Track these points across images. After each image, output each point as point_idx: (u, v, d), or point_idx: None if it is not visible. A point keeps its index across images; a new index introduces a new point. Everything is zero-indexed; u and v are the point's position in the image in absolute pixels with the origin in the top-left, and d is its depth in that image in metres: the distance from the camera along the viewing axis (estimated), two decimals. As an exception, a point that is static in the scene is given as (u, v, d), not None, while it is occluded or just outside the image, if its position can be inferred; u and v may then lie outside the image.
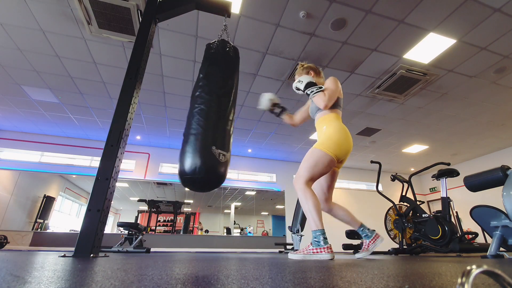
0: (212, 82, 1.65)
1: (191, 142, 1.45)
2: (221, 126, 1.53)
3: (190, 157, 1.40)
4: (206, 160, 1.38)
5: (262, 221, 8.41)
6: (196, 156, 1.39)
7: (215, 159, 1.40)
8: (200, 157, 1.38)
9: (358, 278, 0.64)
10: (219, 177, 1.43)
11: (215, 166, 1.40)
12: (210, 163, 1.39)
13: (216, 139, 1.46)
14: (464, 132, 5.89)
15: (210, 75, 1.70)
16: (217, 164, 1.40)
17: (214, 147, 1.41)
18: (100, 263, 1.00)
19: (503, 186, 2.00)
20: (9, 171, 5.98)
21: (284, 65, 3.88)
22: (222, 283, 0.53)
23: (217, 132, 1.49)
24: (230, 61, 1.80)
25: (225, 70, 1.73)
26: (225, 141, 1.50)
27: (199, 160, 1.38)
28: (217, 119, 1.52)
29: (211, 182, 1.44)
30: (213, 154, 1.40)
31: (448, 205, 3.15)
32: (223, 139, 1.49)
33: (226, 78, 1.70)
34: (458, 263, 1.27)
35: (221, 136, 1.49)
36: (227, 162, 1.48)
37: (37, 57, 3.75)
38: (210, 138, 1.44)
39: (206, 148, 1.40)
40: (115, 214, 7.54)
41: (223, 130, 1.52)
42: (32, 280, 0.55)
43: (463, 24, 3.13)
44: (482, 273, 0.30)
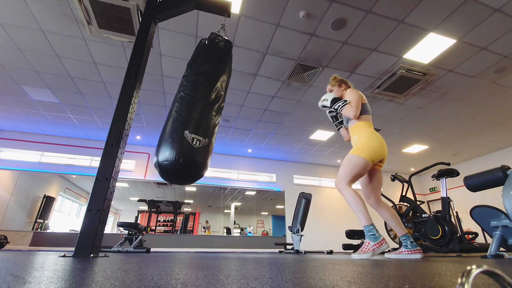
0: (193, 71, 1.61)
1: (164, 129, 1.37)
2: (199, 111, 1.41)
3: (161, 143, 1.32)
4: (177, 145, 1.28)
5: (262, 221, 8.41)
6: (167, 142, 1.30)
7: (188, 144, 1.28)
8: (170, 142, 1.29)
9: (358, 278, 0.64)
10: (194, 163, 1.30)
11: (187, 151, 1.27)
12: (181, 148, 1.27)
13: (189, 123, 1.34)
14: (464, 132, 5.89)
15: (193, 65, 1.66)
16: (190, 149, 1.28)
17: (187, 131, 1.30)
18: (100, 263, 1.00)
19: (503, 186, 2.00)
20: (9, 171, 5.98)
21: (284, 65, 3.88)
22: (222, 283, 0.53)
23: (192, 117, 1.37)
24: (217, 50, 1.76)
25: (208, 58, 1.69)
26: (202, 125, 1.38)
27: (168, 145, 1.28)
28: (193, 104, 1.42)
29: (186, 169, 1.29)
30: (185, 139, 1.28)
31: (448, 205, 3.15)
32: (199, 124, 1.37)
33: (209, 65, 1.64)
34: (458, 263, 1.27)
35: (197, 120, 1.37)
36: (205, 149, 1.34)
37: (37, 57, 3.75)
38: (183, 122, 1.34)
39: (177, 132, 1.31)
40: (115, 214, 7.54)
41: (200, 115, 1.41)
42: (32, 280, 0.55)
43: (463, 24, 3.13)
44: (482, 273, 0.30)
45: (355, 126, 2.05)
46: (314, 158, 7.82)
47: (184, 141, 1.28)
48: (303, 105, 4.93)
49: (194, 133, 1.32)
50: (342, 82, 2.24)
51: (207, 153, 1.37)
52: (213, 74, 1.62)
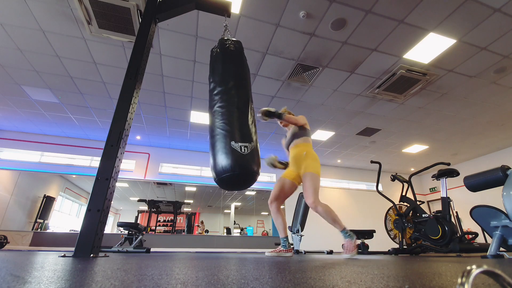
0: (217, 82, 1.67)
1: (212, 146, 1.48)
2: (237, 119, 1.51)
3: (215, 159, 1.43)
4: (228, 156, 1.39)
5: (262, 221, 8.41)
6: (219, 157, 1.41)
7: (237, 153, 1.39)
8: (222, 156, 1.40)
9: (358, 278, 0.64)
10: (248, 168, 1.41)
11: (239, 160, 1.38)
12: (233, 159, 1.38)
13: (233, 134, 1.44)
14: (464, 132, 5.89)
15: (215, 76, 1.72)
16: (240, 157, 1.39)
17: (233, 142, 1.41)
18: (100, 263, 1.00)
19: (503, 186, 2.00)
20: (9, 171, 5.98)
21: (284, 65, 3.88)
22: (222, 283, 0.53)
23: (233, 127, 1.47)
24: (231, 54, 1.81)
25: (226, 64, 1.74)
26: (244, 132, 1.48)
27: (222, 159, 1.40)
28: (229, 114, 1.51)
29: (242, 176, 1.41)
30: (233, 149, 1.39)
31: (448, 205, 3.15)
32: (241, 131, 1.47)
33: (229, 72, 1.70)
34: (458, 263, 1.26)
35: (238, 129, 1.48)
36: (252, 152, 1.44)
37: (37, 57, 3.75)
38: (227, 135, 1.44)
39: (225, 146, 1.41)
40: (115, 214, 7.55)
41: (239, 122, 1.50)
42: (32, 280, 0.55)
43: (463, 24, 3.13)
44: (482, 273, 0.30)
45: (304, 144, 2.41)
46: (314, 158, 7.81)
47: (234, 152, 1.39)
48: (303, 105, 4.93)
49: (240, 141, 1.42)
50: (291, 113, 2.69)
51: (256, 154, 1.48)
52: (236, 79, 1.68)
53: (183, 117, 5.45)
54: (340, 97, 4.68)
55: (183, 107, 5.06)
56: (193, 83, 4.33)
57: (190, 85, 4.37)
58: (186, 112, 5.23)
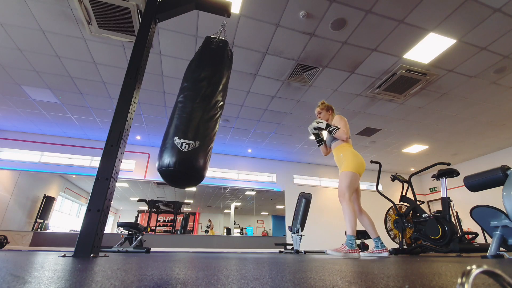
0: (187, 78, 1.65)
1: (163, 138, 1.47)
2: (188, 115, 1.47)
3: (159, 151, 1.44)
4: (168, 152, 1.38)
5: (262, 221, 8.41)
6: (162, 150, 1.41)
7: (176, 149, 1.36)
8: (164, 151, 1.39)
9: (358, 278, 0.64)
10: (184, 165, 1.36)
11: (176, 156, 1.36)
12: (171, 155, 1.36)
13: (179, 129, 1.42)
14: (464, 132, 5.89)
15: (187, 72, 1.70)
16: (179, 154, 1.36)
17: (176, 137, 1.39)
18: (100, 263, 1.00)
19: (503, 186, 2.00)
20: (9, 171, 5.98)
21: (284, 65, 3.88)
22: (222, 283, 0.53)
23: (181, 122, 1.44)
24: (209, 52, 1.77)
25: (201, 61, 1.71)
26: (191, 129, 1.43)
27: (163, 153, 1.39)
28: (183, 109, 1.48)
29: (179, 173, 1.37)
30: (174, 145, 1.37)
31: (448, 205, 3.15)
32: (188, 128, 1.43)
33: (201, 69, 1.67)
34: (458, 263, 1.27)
35: (185, 125, 1.43)
36: (195, 151, 1.39)
37: (37, 57, 3.75)
38: (174, 130, 1.42)
39: (169, 140, 1.40)
40: (115, 214, 7.54)
41: (189, 119, 1.46)
42: (32, 280, 0.55)
43: (463, 24, 3.13)
44: (482, 273, 0.30)
45: (340, 146, 2.49)
46: (314, 158, 7.82)
47: (174, 147, 1.37)
48: (303, 105, 4.93)
49: (182, 138, 1.38)
50: (329, 108, 2.71)
51: (199, 154, 1.40)
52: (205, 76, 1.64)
53: (183, 117, 5.45)
54: (340, 97, 4.68)
55: (183, 107, 5.05)
56: (193, 83, 4.33)
57: (190, 85, 4.36)
58: (186, 112, 5.22)
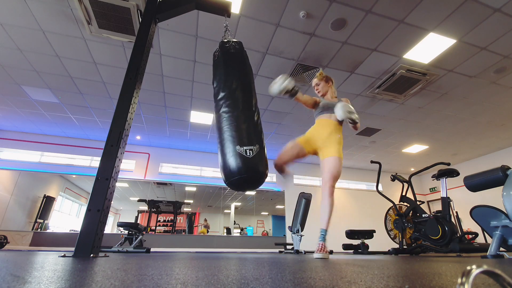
0: (220, 86, 1.70)
1: (220, 150, 1.55)
2: (241, 123, 1.55)
3: (223, 164, 1.50)
4: (235, 160, 1.45)
5: (262, 221, 8.41)
6: (226, 161, 1.48)
7: (243, 157, 1.44)
8: (229, 161, 1.47)
9: (358, 278, 0.64)
10: (253, 170, 1.46)
11: (245, 163, 1.44)
12: (239, 162, 1.44)
13: (238, 138, 1.50)
14: (464, 132, 5.89)
15: (218, 80, 1.74)
16: (246, 160, 1.44)
17: (238, 146, 1.47)
18: (100, 263, 1.00)
19: (503, 186, 2.00)
20: (9, 171, 5.98)
21: (284, 65, 3.88)
22: (222, 283, 0.53)
23: (237, 131, 1.52)
24: (232, 56, 1.82)
25: (228, 68, 1.75)
26: (249, 135, 1.52)
27: (229, 164, 1.46)
28: (235, 119, 1.56)
29: (249, 178, 1.47)
30: (239, 153, 1.45)
31: (448, 205, 3.15)
32: (246, 135, 1.52)
33: (232, 75, 1.72)
34: (458, 263, 1.27)
35: (242, 133, 1.52)
36: (259, 154, 1.49)
37: (37, 57, 3.75)
38: (233, 140, 1.50)
39: (232, 150, 1.48)
40: (115, 214, 7.54)
41: (244, 126, 1.55)
42: (32, 280, 0.55)
43: (463, 24, 3.13)
44: (482, 273, 0.30)
45: (335, 123, 2.39)
46: (314, 158, 7.80)
47: (240, 156, 1.45)
48: (303, 105, 4.92)
49: (245, 145, 1.48)
50: (328, 79, 2.59)
51: (262, 155, 1.52)
52: (238, 81, 1.70)
53: (183, 117, 5.45)
54: (340, 97, 4.67)
55: (183, 107, 5.06)
56: (193, 83, 4.33)
57: (190, 85, 4.37)
58: (186, 112, 5.23)
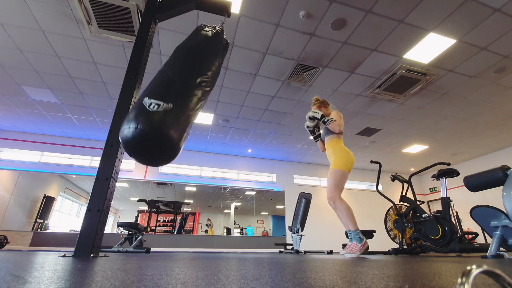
0: (173, 55, 1.52)
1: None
2: (167, 79, 1.29)
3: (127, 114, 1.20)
4: (132, 114, 1.14)
5: (262, 221, 8.41)
6: (129, 111, 1.19)
7: (143, 109, 1.13)
8: (131, 110, 1.17)
9: (358, 278, 0.64)
10: (151, 127, 1.10)
11: (142, 117, 1.11)
12: (135, 116, 1.12)
13: (151, 90, 1.22)
14: (464, 132, 5.89)
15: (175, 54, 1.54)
16: (145, 114, 1.11)
17: (146, 97, 1.16)
18: (100, 263, 1.00)
19: (503, 186, 2.00)
20: (9, 171, 5.98)
21: (284, 65, 3.88)
22: (222, 283, 0.53)
23: (156, 84, 1.27)
24: (200, 34, 1.66)
25: (189, 40, 1.60)
26: (163, 89, 1.23)
27: (125, 118, 1.17)
28: (163, 75, 1.32)
29: (144, 138, 1.11)
30: (141, 105, 1.14)
31: (448, 205, 3.15)
32: (161, 88, 1.24)
33: (189, 44, 1.55)
34: (458, 263, 1.27)
35: (160, 86, 1.25)
36: (165, 113, 1.14)
37: (37, 57, 3.75)
38: (145, 92, 1.22)
39: (137, 101, 1.18)
40: (115, 214, 7.54)
41: (167, 81, 1.28)
42: (32, 280, 0.55)
43: (463, 24, 3.13)
44: (482, 273, 0.30)
45: (331, 141, 2.48)
46: (314, 158, 7.82)
47: (140, 108, 1.14)
48: (303, 105, 4.93)
49: (153, 98, 1.16)
50: (324, 102, 2.71)
51: (169, 117, 1.15)
52: (193, 50, 1.49)
53: (183, 117, 5.44)
54: (340, 97, 4.68)
55: (183, 107, 5.05)
56: (193, 83, 4.33)
57: (190, 85, 4.36)
58: (186, 112, 5.22)
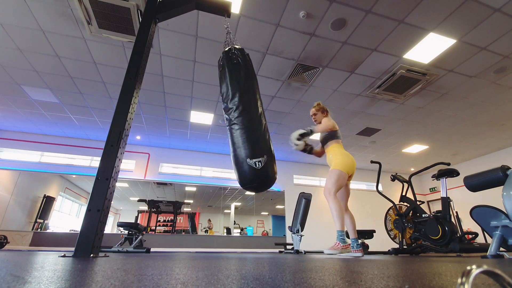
0: (228, 98, 1.77)
1: (234, 161, 1.74)
2: (249, 135, 1.69)
3: (238, 174, 1.73)
4: (247, 172, 1.67)
5: (262, 221, 8.41)
6: (240, 172, 1.70)
7: (253, 169, 1.66)
8: (242, 171, 1.69)
9: (358, 278, 0.64)
10: (263, 179, 1.68)
11: (256, 174, 1.65)
12: (251, 174, 1.66)
13: (248, 150, 1.67)
14: (464, 132, 5.89)
15: (224, 92, 1.80)
16: (256, 171, 1.66)
17: (248, 159, 1.66)
18: (100, 263, 1.00)
19: (503, 186, 2.00)
20: (9, 171, 5.98)
21: (284, 65, 3.88)
22: (222, 283, 0.53)
23: (247, 143, 1.68)
24: (236, 67, 1.84)
25: (232, 81, 1.79)
26: (257, 147, 1.69)
27: (242, 174, 1.69)
28: (244, 131, 1.70)
29: (260, 185, 1.71)
30: (249, 166, 1.66)
31: (448, 205, 3.15)
32: (255, 147, 1.69)
33: (236, 88, 1.77)
34: (458, 263, 1.27)
35: (251, 145, 1.69)
36: (267, 164, 1.68)
37: (37, 57, 3.75)
38: (243, 152, 1.68)
39: (243, 163, 1.68)
40: (115, 214, 7.55)
41: (252, 138, 1.70)
42: (32, 280, 0.55)
43: (463, 24, 3.13)
44: (482, 273, 0.30)
45: (330, 147, 2.58)
46: (314, 158, 7.82)
47: (251, 168, 1.65)
48: (303, 105, 4.93)
49: (254, 158, 1.65)
50: (324, 110, 2.81)
51: (270, 164, 1.70)
52: (245, 94, 1.79)
53: (183, 117, 5.45)
54: (340, 97, 4.68)
55: (183, 107, 5.06)
56: (193, 83, 4.33)
57: (190, 85, 4.37)
58: (186, 112, 5.23)
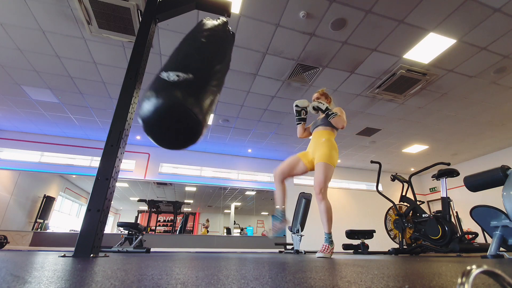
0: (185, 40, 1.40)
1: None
2: (184, 52, 1.18)
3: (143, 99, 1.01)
4: (151, 89, 0.98)
5: (262, 221, 8.42)
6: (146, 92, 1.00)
7: (162, 82, 0.99)
8: (147, 89, 1.00)
9: (358, 278, 0.64)
10: (171, 98, 0.94)
11: (162, 90, 0.96)
12: (155, 91, 0.97)
13: (168, 64, 1.09)
14: (464, 132, 5.89)
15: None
16: (165, 85, 0.97)
17: (163, 72, 1.03)
18: (100, 263, 1.00)
19: (503, 186, 2.00)
20: (9, 171, 5.98)
21: (284, 65, 3.88)
22: (222, 283, 0.53)
23: (172, 60, 1.13)
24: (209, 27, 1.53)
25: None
26: (181, 61, 1.10)
27: (143, 96, 0.99)
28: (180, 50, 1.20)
29: (166, 112, 0.94)
30: (159, 78, 1.01)
31: (448, 205, 3.15)
32: (181, 60, 1.11)
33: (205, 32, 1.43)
34: (458, 263, 1.27)
35: (177, 59, 1.12)
36: (186, 83, 0.99)
37: (37, 57, 3.75)
38: (161, 68, 1.07)
39: (154, 78, 1.04)
40: (115, 214, 7.55)
41: (184, 55, 1.15)
42: (32, 280, 0.55)
43: (463, 24, 3.13)
44: (482, 273, 0.30)
45: (327, 131, 2.32)
46: (314, 158, 7.81)
47: (158, 81, 1.01)
48: (303, 105, 4.92)
49: (170, 70, 1.02)
50: (328, 96, 2.62)
51: (191, 87, 0.99)
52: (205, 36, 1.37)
53: (183, 117, 5.45)
54: (340, 97, 4.68)
55: (183, 107, 5.05)
56: (193, 83, 4.33)
57: (190, 85, 4.36)
58: (186, 112, 5.22)
